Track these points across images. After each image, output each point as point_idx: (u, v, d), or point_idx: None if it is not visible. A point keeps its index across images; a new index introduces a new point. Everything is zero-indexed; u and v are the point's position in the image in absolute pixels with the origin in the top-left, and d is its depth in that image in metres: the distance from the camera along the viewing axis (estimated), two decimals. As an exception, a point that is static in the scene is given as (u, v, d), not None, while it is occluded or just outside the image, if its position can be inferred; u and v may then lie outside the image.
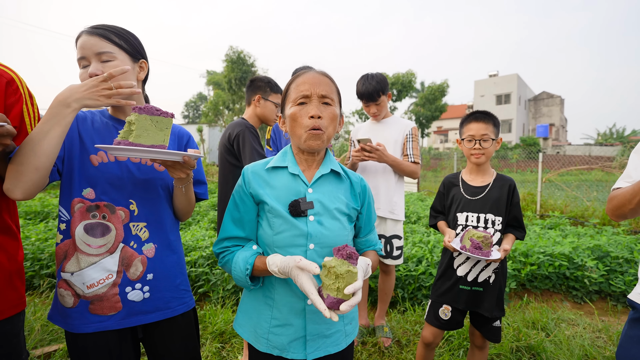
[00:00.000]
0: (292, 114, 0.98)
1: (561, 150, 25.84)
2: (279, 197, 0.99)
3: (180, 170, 0.98)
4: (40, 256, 3.15)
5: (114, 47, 1.03)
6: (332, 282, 0.80)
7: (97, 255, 1.00)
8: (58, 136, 0.87)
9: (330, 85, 1.01)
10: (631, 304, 1.16)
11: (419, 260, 3.13)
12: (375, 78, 2.14)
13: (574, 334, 2.41)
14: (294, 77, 1.03)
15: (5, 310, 0.95)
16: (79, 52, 1.01)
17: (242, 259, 0.96)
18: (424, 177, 13.00)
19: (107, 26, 1.05)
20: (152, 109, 0.91)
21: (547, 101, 38.29)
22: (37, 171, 0.87)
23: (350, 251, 0.83)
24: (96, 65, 1.00)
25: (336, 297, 0.80)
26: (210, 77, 25.81)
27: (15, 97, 0.95)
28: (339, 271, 0.79)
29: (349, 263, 0.81)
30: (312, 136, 0.96)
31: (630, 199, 1.05)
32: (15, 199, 0.89)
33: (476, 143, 1.66)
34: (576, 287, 3.10)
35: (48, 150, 0.87)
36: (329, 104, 0.99)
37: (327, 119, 0.98)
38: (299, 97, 0.97)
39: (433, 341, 1.74)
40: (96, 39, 1.00)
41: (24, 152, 0.86)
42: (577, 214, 6.09)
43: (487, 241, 1.53)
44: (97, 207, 1.01)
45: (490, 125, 1.66)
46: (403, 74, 21.45)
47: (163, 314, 1.09)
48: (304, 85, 0.98)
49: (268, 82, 2.02)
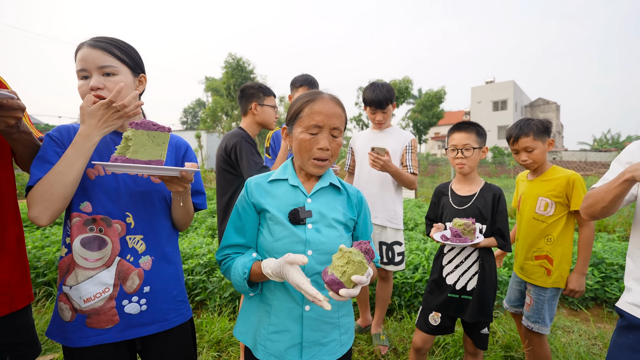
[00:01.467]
0: (302, 140, 1.03)
1: (557, 156, 25.99)
2: (280, 206, 1.04)
3: (178, 184, 1.00)
4: (37, 264, 3.14)
5: (117, 61, 1.05)
6: (341, 265, 0.83)
7: (93, 269, 1.01)
8: (81, 167, 0.95)
9: (342, 116, 1.06)
10: (619, 312, 1.18)
11: (415, 267, 3.14)
12: (385, 87, 2.19)
13: (570, 341, 2.42)
14: (309, 99, 1.04)
15: (24, 300, 1.05)
16: (80, 64, 1.02)
17: (241, 264, 1.00)
18: (422, 183, 13.05)
19: (110, 39, 1.06)
20: (149, 124, 0.92)
21: (543, 107, 38.66)
22: (65, 200, 0.95)
23: (369, 247, 0.87)
24: (98, 78, 1.02)
25: (340, 278, 0.82)
26: (209, 83, 25.92)
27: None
28: (353, 258, 0.83)
29: (364, 256, 0.85)
30: (317, 166, 1.04)
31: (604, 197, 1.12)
32: (41, 226, 0.96)
33: (458, 152, 1.70)
34: (572, 294, 3.11)
35: (75, 180, 0.95)
36: (337, 136, 1.05)
37: (333, 149, 1.04)
38: (312, 126, 1.01)
39: (423, 346, 1.76)
40: (99, 52, 1.02)
41: (50, 183, 0.92)
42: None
43: (469, 228, 1.54)
44: (94, 220, 1.02)
45: (473, 135, 1.69)
46: (400, 81, 21.64)
47: (160, 326, 1.09)
48: (319, 115, 1.01)
49: (259, 87, 2.04)
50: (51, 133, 1.04)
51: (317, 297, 0.80)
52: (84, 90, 1.02)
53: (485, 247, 1.68)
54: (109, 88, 1.03)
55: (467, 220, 1.57)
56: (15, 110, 0.87)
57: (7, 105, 0.84)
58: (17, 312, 1.03)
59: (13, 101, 0.85)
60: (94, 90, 1.01)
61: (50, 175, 0.92)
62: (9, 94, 0.83)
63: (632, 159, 1.18)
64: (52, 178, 0.92)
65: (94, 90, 1.01)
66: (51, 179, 0.92)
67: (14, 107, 0.86)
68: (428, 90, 24.47)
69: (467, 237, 1.54)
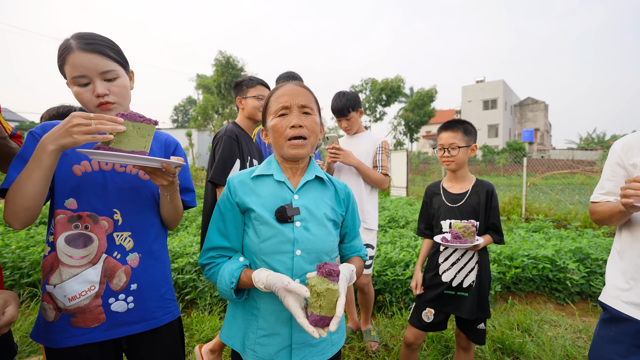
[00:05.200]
0: (274, 126, 1.01)
1: (546, 154, 26.49)
2: (266, 205, 1.00)
3: (162, 177, 0.98)
4: (21, 264, 3.06)
5: (115, 63, 1.03)
6: (314, 300, 0.82)
7: (79, 267, 0.99)
8: (40, 179, 0.87)
9: (309, 95, 1.04)
10: (602, 305, 1.22)
11: (406, 264, 3.16)
12: (346, 95, 2.27)
13: (556, 335, 2.47)
14: (272, 91, 1.05)
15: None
16: (77, 70, 0.97)
17: (228, 271, 0.95)
18: (413, 181, 13.13)
19: (100, 40, 1.02)
20: (135, 116, 0.91)
21: (532, 106, 39.32)
22: (28, 210, 0.90)
23: (330, 269, 0.84)
24: (102, 84, 0.99)
25: (319, 314, 0.81)
26: (200, 80, 25.67)
27: None
28: (318, 289, 0.81)
29: (329, 280, 0.83)
30: (295, 146, 0.99)
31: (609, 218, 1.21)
32: (16, 229, 0.92)
33: (445, 151, 1.73)
34: (559, 289, 3.18)
35: (33, 193, 0.88)
36: (309, 113, 1.02)
37: (308, 127, 1.00)
38: (279, 109, 1.00)
39: (414, 342, 1.77)
40: (97, 57, 0.98)
41: (14, 191, 0.88)
42: (560, 217, 6.26)
43: (469, 230, 1.56)
44: (80, 217, 0.99)
45: (459, 133, 1.72)
46: (392, 80, 21.76)
47: (148, 324, 1.07)
48: (283, 97, 1.00)
49: (242, 80, 2.00)
50: (34, 130, 1.00)
51: (314, 335, 0.80)
52: (87, 97, 0.99)
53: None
54: (114, 93, 1.01)
55: (467, 222, 1.59)
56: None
57: None
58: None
59: None
60: (101, 97, 0.99)
61: (14, 183, 0.88)
62: None
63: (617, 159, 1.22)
64: (14, 187, 0.88)
65: (100, 97, 0.99)
66: (14, 188, 0.88)
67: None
68: (419, 89, 24.65)
69: (467, 238, 1.56)
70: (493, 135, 36.71)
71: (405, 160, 11.25)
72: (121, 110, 1.06)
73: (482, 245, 1.62)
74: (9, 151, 0.99)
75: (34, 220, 0.93)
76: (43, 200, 0.91)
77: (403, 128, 25.38)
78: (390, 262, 3.19)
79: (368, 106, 23.17)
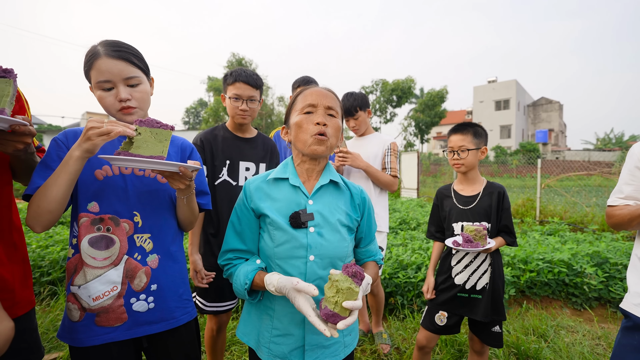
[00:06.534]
0: (298, 122, 1.02)
1: (560, 155, 25.88)
2: (280, 209, 1.02)
3: (179, 181, 1.01)
4: (41, 263, 3.16)
5: (138, 70, 1.08)
6: (332, 295, 0.83)
7: (101, 268, 1.02)
8: (64, 183, 0.91)
9: (335, 99, 1.06)
10: (623, 312, 1.18)
11: (418, 267, 3.14)
12: (354, 95, 2.28)
13: (573, 341, 2.41)
14: (301, 90, 1.08)
15: (24, 306, 1.04)
16: (103, 75, 1.02)
17: (243, 273, 0.98)
18: (424, 183, 13.01)
19: (126, 47, 1.07)
20: (153, 122, 0.95)
21: (546, 107, 38.49)
22: (51, 214, 0.93)
23: (357, 270, 0.86)
24: (125, 89, 1.04)
25: (333, 310, 0.82)
26: (211, 83, 25.97)
27: (20, 103, 1.03)
28: (340, 286, 0.82)
29: (352, 281, 0.84)
30: (317, 141, 1.00)
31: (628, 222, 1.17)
32: (36, 232, 0.96)
33: (455, 154, 1.73)
34: (575, 294, 3.10)
35: (57, 196, 0.92)
36: (334, 115, 1.04)
37: (332, 128, 1.02)
38: (306, 106, 1.02)
39: (427, 345, 1.76)
40: (122, 63, 1.03)
41: (39, 195, 0.92)
42: (576, 220, 6.11)
43: (480, 234, 1.56)
44: (102, 220, 1.03)
45: (469, 136, 1.71)
46: (403, 80, 21.62)
47: (168, 324, 1.10)
48: (312, 96, 1.03)
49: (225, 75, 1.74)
50: (57, 137, 1.05)
51: (325, 333, 0.80)
52: (110, 101, 1.04)
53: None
54: (136, 98, 1.06)
55: (478, 225, 1.59)
56: (26, 135, 0.88)
57: (19, 131, 0.85)
58: (19, 318, 1.02)
59: (25, 127, 0.85)
60: (123, 101, 1.03)
61: (41, 187, 0.93)
62: (22, 120, 0.83)
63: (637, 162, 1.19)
64: (41, 190, 0.92)
65: (123, 101, 1.03)
66: (40, 191, 0.92)
67: (25, 133, 0.87)
68: (430, 90, 24.41)
69: (478, 242, 1.56)
70: (505, 136, 36.08)
71: (416, 162, 11.16)
72: (141, 115, 1.10)
73: (494, 248, 1.62)
74: (34, 165, 1.03)
75: (54, 224, 0.96)
76: (65, 204, 0.95)
77: (413, 129, 25.18)
78: (402, 265, 3.17)
79: (378, 107, 23.07)
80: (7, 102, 0.82)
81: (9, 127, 0.83)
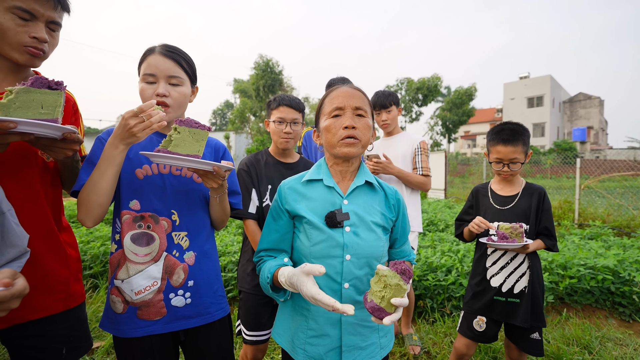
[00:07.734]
0: (327, 126, 1.02)
1: (601, 154, 24.23)
2: (315, 209, 1.02)
3: (212, 180, 1.04)
4: (83, 258, 3.36)
5: (184, 73, 1.12)
6: (379, 290, 0.83)
7: (143, 264, 1.06)
8: (112, 175, 0.97)
9: (363, 98, 1.04)
10: None
11: (448, 270, 3.04)
12: (387, 92, 2.32)
13: (623, 355, 2.24)
14: (327, 92, 1.07)
15: (77, 298, 1.11)
16: (150, 69, 1.08)
17: (267, 268, 1.00)
18: (451, 183, 12.62)
19: (180, 51, 1.13)
20: (192, 122, 0.99)
21: (585, 103, 36.16)
22: (101, 207, 0.99)
23: (406, 268, 0.86)
24: (165, 86, 1.09)
25: (379, 304, 0.82)
26: (237, 85, 26.58)
27: (77, 115, 1.12)
28: (389, 281, 0.82)
29: (400, 278, 0.84)
30: (347, 144, 0.99)
31: None
32: (88, 227, 1.02)
33: (504, 166, 1.62)
34: (623, 304, 2.88)
35: (106, 189, 0.97)
36: (363, 115, 1.02)
37: (361, 128, 1.01)
38: (333, 110, 1.01)
39: (467, 353, 1.70)
40: (171, 62, 1.09)
41: (87, 190, 0.97)
42: (621, 224, 5.68)
43: (516, 232, 1.50)
44: (142, 217, 1.07)
45: (520, 147, 1.59)
46: (428, 79, 21.09)
47: (204, 319, 1.13)
48: (338, 98, 1.01)
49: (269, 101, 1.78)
50: (101, 136, 1.10)
51: (335, 306, 0.78)
52: (149, 94, 1.08)
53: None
54: (173, 97, 1.10)
55: (514, 224, 1.52)
56: (75, 143, 0.93)
57: (70, 138, 0.90)
58: (73, 309, 1.10)
59: (74, 135, 0.90)
60: (160, 96, 1.07)
61: (87, 182, 0.97)
62: (72, 128, 0.88)
63: None
64: (88, 185, 0.97)
65: (159, 96, 1.07)
66: (88, 186, 0.97)
67: (74, 140, 0.92)
68: (458, 88, 23.63)
69: (514, 238, 1.50)
70: (539, 134, 34.26)
71: (444, 162, 10.85)
72: (175, 115, 1.13)
73: (532, 248, 1.54)
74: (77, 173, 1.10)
75: (103, 218, 1.01)
76: (111, 197, 1.01)
77: (440, 128, 24.48)
78: (431, 267, 3.08)
79: (404, 106, 22.65)
80: (60, 112, 0.88)
81: (61, 135, 0.88)
